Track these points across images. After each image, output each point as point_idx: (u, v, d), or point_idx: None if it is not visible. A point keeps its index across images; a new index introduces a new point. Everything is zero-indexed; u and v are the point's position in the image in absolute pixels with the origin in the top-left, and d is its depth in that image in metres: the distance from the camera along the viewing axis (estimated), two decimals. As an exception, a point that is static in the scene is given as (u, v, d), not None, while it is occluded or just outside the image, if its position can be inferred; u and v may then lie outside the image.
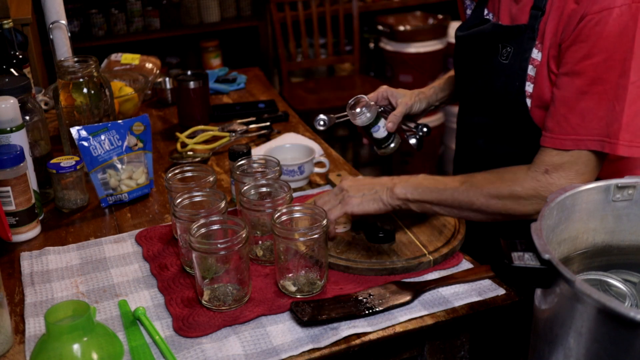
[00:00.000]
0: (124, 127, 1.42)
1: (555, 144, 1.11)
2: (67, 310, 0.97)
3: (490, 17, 1.29)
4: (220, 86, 2.14)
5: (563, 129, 1.10)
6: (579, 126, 1.09)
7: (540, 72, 1.16)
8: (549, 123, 1.12)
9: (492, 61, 1.24)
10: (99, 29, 3.82)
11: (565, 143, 1.10)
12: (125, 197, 1.43)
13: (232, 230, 1.08)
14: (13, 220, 1.28)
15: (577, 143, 1.09)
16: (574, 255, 1.00)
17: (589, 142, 1.09)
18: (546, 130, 1.13)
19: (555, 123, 1.11)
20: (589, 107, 1.08)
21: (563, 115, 1.10)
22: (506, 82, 1.21)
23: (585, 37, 1.07)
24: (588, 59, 1.07)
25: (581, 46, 1.08)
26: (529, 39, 1.17)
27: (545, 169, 1.12)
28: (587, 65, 1.07)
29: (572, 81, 1.09)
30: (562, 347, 0.82)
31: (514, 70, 1.20)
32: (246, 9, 4.02)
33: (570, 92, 1.09)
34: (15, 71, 1.63)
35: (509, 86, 1.21)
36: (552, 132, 1.12)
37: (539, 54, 1.17)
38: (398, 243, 1.21)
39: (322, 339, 0.99)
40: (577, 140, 1.09)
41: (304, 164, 1.48)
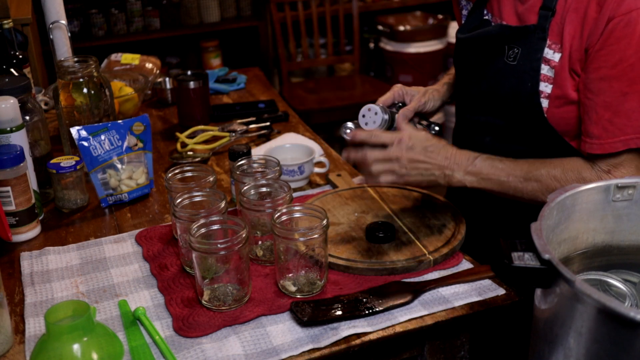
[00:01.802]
0: (124, 127, 1.42)
1: (606, 149, 1.12)
2: (67, 310, 0.97)
3: (490, 18, 1.29)
4: (220, 86, 2.14)
5: (611, 133, 1.11)
6: (625, 126, 1.10)
7: (560, 74, 1.16)
8: (593, 130, 1.12)
9: (498, 62, 1.24)
10: (99, 29, 3.82)
11: (616, 146, 1.11)
12: (125, 197, 1.43)
13: (232, 230, 1.08)
14: (13, 220, 1.28)
15: (628, 143, 1.11)
16: (574, 255, 1.00)
17: (638, 139, 1.10)
18: (592, 137, 1.13)
19: (602, 129, 1.12)
20: (632, 107, 1.09)
21: (608, 120, 1.11)
22: (516, 84, 1.21)
23: (616, 40, 1.08)
24: (623, 61, 1.08)
25: (613, 49, 1.09)
26: (539, 39, 1.17)
27: (608, 170, 1.13)
28: (624, 68, 1.08)
29: (611, 85, 1.10)
30: (562, 347, 0.82)
31: (524, 71, 1.19)
32: (246, 9, 4.02)
33: (611, 96, 1.10)
34: (15, 71, 1.63)
35: (521, 87, 1.20)
36: (599, 138, 1.12)
37: (555, 55, 1.16)
38: (398, 243, 1.21)
39: (322, 339, 0.99)
40: (627, 140, 1.10)
41: (304, 164, 1.48)
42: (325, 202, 1.37)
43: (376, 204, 1.35)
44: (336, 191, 1.41)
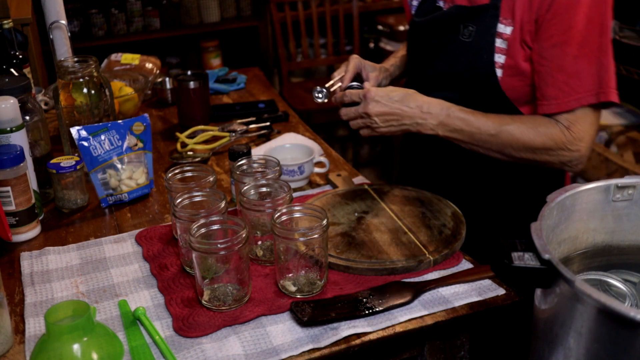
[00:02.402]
0: (124, 127, 1.42)
1: (562, 107, 1.23)
2: (67, 310, 0.97)
3: (442, 5, 1.38)
4: (220, 86, 2.14)
5: (566, 93, 1.22)
6: (578, 86, 1.22)
7: (513, 45, 1.26)
8: (550, 92, 1.24)
9: (454, 41, 1.33)
10: (99, 29, 3.82)
11: (571, 104, 1.23)
12: (125, 197, 1.43)
13: (232, 230, 1.08)
14: (13, 220, 1.28)
15: (580, 100, 1.22)
16: (574, 255, 1.00)
17: (589, 97, 1.22)
18: (549, 98, 1.24)
19: (558, 90, 1.23)
20: (583, 68, 1.21)
21: (563, 82, 1.22)
22: (473, 59, 1.30)
23: (565, 8, 1.20)
24: (572, 27, 1.20)
25: (562, 18, 1.20)
26: (492, 16, 1.27)
27: (568, 125, 1.24)
28: (574, 33, 1.20)
29: (563, 50, 1.21)
30: (562, 347, 0.82)
31: (480, 46, 1.29)
32: (246, 9, 4.02)
33: (564, 60, 1.22)
34: (15, 71, 1.63)
35: (477, 62, 1.30)
36: (556, 99, 1.23)
37: (507, 28, 1.27)
38: (398, 243, 1.21)
39: (322, 339, 0.99)
40: (580, 98, 1.22)
41: (304, 164, 1.48)
42: (325, 202, 1.37)
43: (376, 204, 1.35)
44: (336, 191, 1.42)
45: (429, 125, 1.26)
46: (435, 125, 1.26)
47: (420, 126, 1.27)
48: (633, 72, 2.94)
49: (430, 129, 1.27)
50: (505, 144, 1.25)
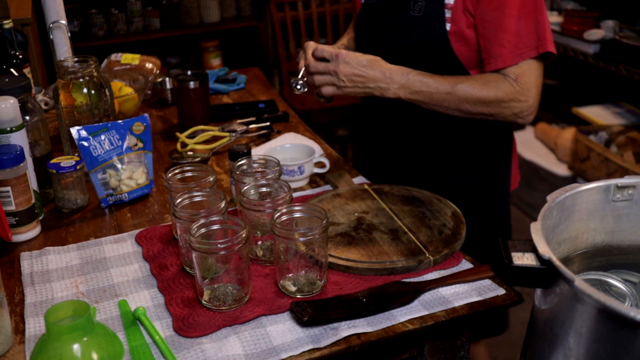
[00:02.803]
0: (124, 127, 1.42)
1: (507, 63, 1.35)
2: (67, 310, 0.97)
3: None
4: (220, 86, 2.14)
5: (509, 50, 1.34)
6: (519, 42, 1.34)
7: (456, 13, 1.38)
8: (495, 50, 1.36)
9: (405, 17, 1.44)
10: (99, 29, 3.82)
11: (515, 59, 1.34)
12: (125, 197, 1.43)
13: (232, 230, 1.08)
14: (13, 220, 1.28)
15: (522, 55, 1.34)
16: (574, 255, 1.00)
17: (530, 51, 1.34)
18: (495, 56, 1.36)
19: (501, 47, 1.35)
20: (522, 26, 1.34)
21: (506, 40, 1.34)
22: (425, 31, 1.41)
23: None
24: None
25: None
26: None
27: (515, 78, 1.35)
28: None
29: (503, 12, 1.34)
30: (562, 347, 0.82)
31: (431, 18, 1.40)
32: (246, 9, 4.02)
33: (504, 20, 1.34)
34: (15, 71, 1.63)
35: (430, 33, 1.41)
36: (501, 55, 1.35)
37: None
38: (398, 243, 1.21)
39: (322, 339, 0.99)
40: (522, 53, 1.34)
41: (304, 164, 1.48)
42: (325, 202, 1.37)
43: (376, 204, 1.35)
44: (336, 191, 1.42)
45: (392, 89, 1.36)
46: (397, 89, 1.36)
47: (383, 90, 1.36)
48: (633, 72, 2.94)
49: (392, 92, 1.36)
50: (462, 100, 1.35)
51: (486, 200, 1.57)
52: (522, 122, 1.40)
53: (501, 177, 1.59)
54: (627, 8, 3.27)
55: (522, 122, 1.40)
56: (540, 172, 3.32)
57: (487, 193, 1.57)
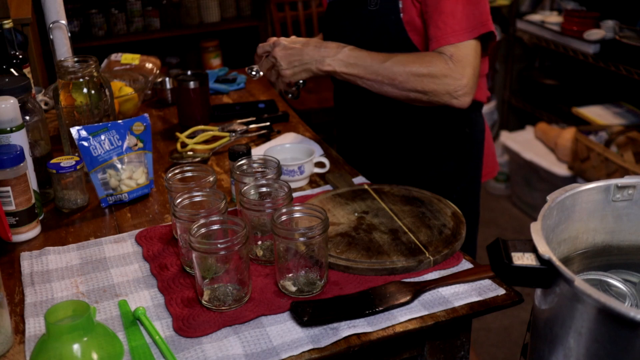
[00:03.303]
0: (124, 127, 1.42)
1: (441, 43, 1.39)
2: (67, 310, 0.97)
3: None
4: (220, 86, 2.14)
5: (444, 31, 1.39)
6: (454, 24, 1.38)
7: (406, 2, 1.45)
8: (434, 32, 1.40)
9: (363, 12, 1.50)
10: (99, 29, 3.82)
11: (449, 39, 1.38)
12: (125, 197, 1.43)
13: (232, 230, 1.08)
14: (13, 220, 1.28)
15: (458, 37, 1.38)
16: (574, 255, 1.00)
17: (466, 33, 1.38)
18: (432, 38, 1.41)
19: (437, 29, 1.39)
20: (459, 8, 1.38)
21: (442, 21, 1.38)
22: (382, 23, 1.48)
23: None
24: None
25: None
26: None
27: (450, 55, 1.38)
28: None
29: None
30: (562, 347, 0.82)
31: (386, 10, 1.47)
32: (246, 9, 4.02)
33: (441, 3, 1.38)
34: (15, 71, 1.63)
35: (387, 24, 1.47)
36: (436, 37, 1.39)
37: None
38: (398, 243, 1.21)
39: (322, 339, 0.99)
40: (457, 34, 1.38)
41: (304, 164, 1.48)
42: (325, 202, 1.37)
43: (376, 204, 1.35)
44: (336, 191, 1.42)
45: (327, 62, 1.42)
46: (332, 61, 1.41)
47: (319, 64, 1.42)
48: (633, 72, 2.94)
49: (328, 64, 1.42)
50: (395, 72, 1.38)
51: (459, 189, 1.59)
52: (457, 104, 1.40)
53: (471, 168, 1.62)
54: (627, 8, 3.27)
55: (457, 104, 1.40)
56: (540, 172, 3.32)
57: (459, 184, 1.61)
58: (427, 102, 1.41)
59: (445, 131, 1.58)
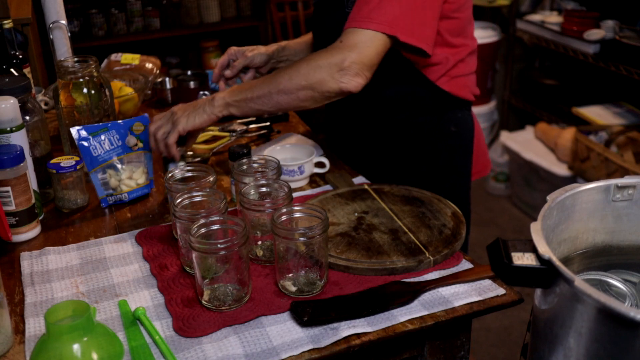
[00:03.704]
0: (124, 127, 1.42)
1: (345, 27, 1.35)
2: (67, 310, 0.97)
3: None
4: (220, 86, 2.14)
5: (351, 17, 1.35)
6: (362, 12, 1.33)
7: None
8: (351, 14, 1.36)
9: (340, 15, 1.46)
10: (99, 29, 3.82)
11: (350, 24, 1.34)
12: (125, 197, 1.43)
13: (232, 230, 1.08)
14: (13, 220, 1.28)
15: (357, 24, 1.33)
16: (574, 255, 1.00)
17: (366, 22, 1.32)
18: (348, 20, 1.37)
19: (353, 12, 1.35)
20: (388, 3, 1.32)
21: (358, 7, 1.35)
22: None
23: None
24: None
25: None
26: None
27: (340, 41, 1.34)
28: None
29: None
30: (562, 347, 0.82)
31: None
32: (246, 9, 4.02)
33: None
34: (15, 71, 1.63)
35: None
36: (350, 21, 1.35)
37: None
38: (398, 243, 1.21)
39: (322, 339, 0.99)
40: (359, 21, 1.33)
41: (304, 164, 1.48)
42: (325, 202, 1.37)
43: (376, 204, 1.35)
44: (336, 191, 1.42)
45: (216, 99, 1.39)
46: (220, 97, 1.39)
47: (212, 103, 1.39)
48: (633, 72, 2.94)
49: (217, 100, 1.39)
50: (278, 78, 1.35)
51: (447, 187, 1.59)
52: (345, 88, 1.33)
53: (460, 166, 1.63)
54: (627, 8, 3.27)
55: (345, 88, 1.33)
56: (540, 172, 3.32)
57: (447, 181, 1.62)
58: (320, 97, 1.35)
59: (431, 129, 1.58)
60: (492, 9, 4.03)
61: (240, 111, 1.39)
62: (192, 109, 1.41)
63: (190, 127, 1.39)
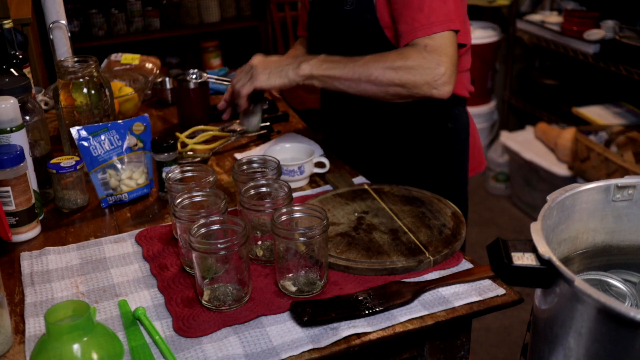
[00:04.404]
0: (124, 127, 1.42)
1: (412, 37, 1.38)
2: (67, 310, 0.97)
3: None
4: (221, 86, 2.14)
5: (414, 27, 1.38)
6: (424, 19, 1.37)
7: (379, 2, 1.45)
8: (401, 28, 1.40)
9: (340, 13, 1.51)
10: (99, 29, 3.82)
11: (419, 33, 1.37)
12: (125, 197, 1.43)
13: (232, 230, 1.08)
14: (13, 220, 1.28)
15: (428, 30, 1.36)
16: (574, 255, 1.00)
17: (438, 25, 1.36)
18: (402, 34, 1.40)
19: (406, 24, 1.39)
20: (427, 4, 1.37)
21: (412, 17, 1.38)
22: (359, 21, 1.48)
23: None
24: None
25: None
26: None
27: (424, 46, 1.36)
28: None
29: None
30: (562, 347, 0.82)
31: (362, 8, 1.48)
32: (246, 9, 4.02)
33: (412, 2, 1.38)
34: (15, 71, 1.63)
35: (362, 22, 1.48)
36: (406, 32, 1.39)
37: None
38: (398, 243, 1.21)
39: (322, 339, 0.99)
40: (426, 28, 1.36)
41: (304, 164, 1.48)
42: (325, 202, 1.37)
43: (376, 204, 1.35)
44: (336, 191, 1.42)
45: (303, 66, 1.39)
46: (307, 65, 1.39)
47: (296, 68, 1.40)
48: (633, 72, 2.94)
49: (304, 68, 1.39)
50: (371, 68, 1.36)
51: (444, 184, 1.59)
52: (437, 95, 1.37)
53: (456, 163, 1.64)
54: (627, 8, 3.27)
55: (437, 95, 1.37)
56: (540, 172, 3.32)
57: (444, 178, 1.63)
58: (407, 96, 1.38)
59: (427, 126, 1.59)
60: (492, 9, 4.03)
61: (322, 85, 1.41)
62: (274, 68, 1.41)
63: (267, 86, 1.41)
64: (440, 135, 1.60)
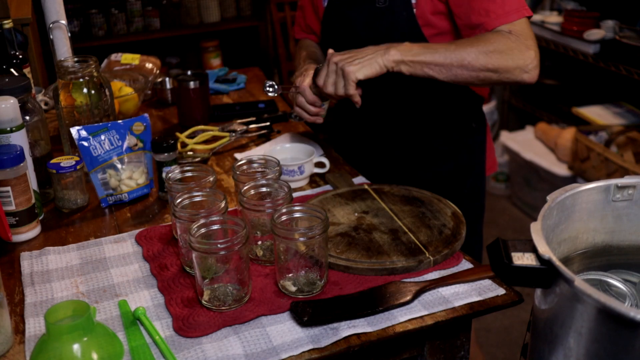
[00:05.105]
0: (124, 127, 1.42)
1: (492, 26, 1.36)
2: (67, 310, 0.97)
3: None
4: (220, 86, 2.14)
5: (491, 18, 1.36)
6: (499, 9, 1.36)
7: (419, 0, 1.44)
8: (475, 19, 1.38)
9: (371, 10, 1.48)
10: (99, 29, 3.82)
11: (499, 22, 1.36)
12: (125, 197, 1.43)
13: (232, 230, 1.08)
14: (13, 220, 1.28)
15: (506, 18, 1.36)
16: (574, 255, 1.00)
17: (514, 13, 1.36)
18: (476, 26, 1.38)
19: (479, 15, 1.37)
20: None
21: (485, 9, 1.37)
22: (393, 20, 1.46)
23: None
24: None
25: None
26: None
27: (509, 31, 1.35)
28: None
29: None
30: (562, 347, 0.82)
31: (397, 7, 1.45)
32: (246, 9, 4.02)
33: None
34: (15, 71, 1.63)
35: (398, 20, 1.45)
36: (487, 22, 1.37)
37: None
38: (398, 243, 1.21)
39: (322, 339, 0.99)
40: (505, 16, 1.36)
41: (304, 164, 1.48)
42: (325, 202, 1.37)
43: (376, 204, 1.35)
44: (336, 191, 1.42)
45: (392, 51, 1.35)
46: (397, 50, 1.35)
47: (385, 54, 1.35)
48: (633, 72, 2.94)
49: (394, 54, 1.35)
50: (463, 53, 1.33)
51: (470, 184, 1.59)
52: (528, 79, 1.36)
53: (478, 163, 1.63)
54: (627, 8, 3.27)
55: (528, 79, 1.36)
56: (540, 172, 3.32)
57: (469, 178, 1.60)
58: (496, 81, 1.36)
59: (454, 126, 1.57)
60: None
61: (412, 71, 1.37)
62: (362, 58, 1.36)
63: (363, 77, 1.36)
64: (466, 134, 1.59)
